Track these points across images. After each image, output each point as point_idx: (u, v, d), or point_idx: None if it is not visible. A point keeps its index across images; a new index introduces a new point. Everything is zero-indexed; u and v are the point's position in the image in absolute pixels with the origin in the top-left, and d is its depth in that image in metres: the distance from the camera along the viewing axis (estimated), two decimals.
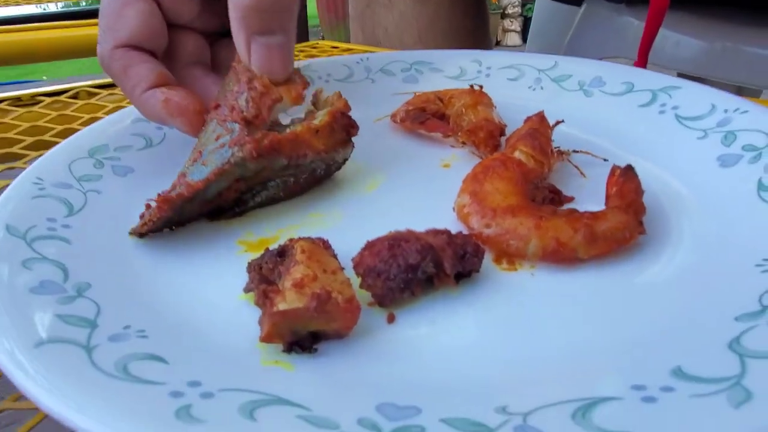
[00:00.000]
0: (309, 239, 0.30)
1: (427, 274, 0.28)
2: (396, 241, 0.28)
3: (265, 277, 0.27)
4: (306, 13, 2.50)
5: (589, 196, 0.37)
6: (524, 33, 3.95)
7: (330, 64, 0.58)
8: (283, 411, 0.20)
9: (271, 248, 0.31)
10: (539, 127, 0.39)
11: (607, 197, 0.35)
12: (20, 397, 0.26)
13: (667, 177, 0.38)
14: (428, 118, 0.47)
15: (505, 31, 4.04)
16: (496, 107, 0.48)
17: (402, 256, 0.28)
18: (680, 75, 0.81)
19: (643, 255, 0.31)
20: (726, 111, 0.42)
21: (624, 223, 0.31)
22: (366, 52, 0.79)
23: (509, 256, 0.31)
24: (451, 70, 0.58)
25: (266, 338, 0.25)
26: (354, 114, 0.40)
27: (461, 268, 0.29)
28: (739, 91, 0.93)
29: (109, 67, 0.37)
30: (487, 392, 0.22)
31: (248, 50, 0.34)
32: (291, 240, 0.30)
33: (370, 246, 0.28)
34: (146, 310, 0.28)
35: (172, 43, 0.39)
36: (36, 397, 0.20)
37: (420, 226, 0.31)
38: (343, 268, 0.28)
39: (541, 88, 0.53)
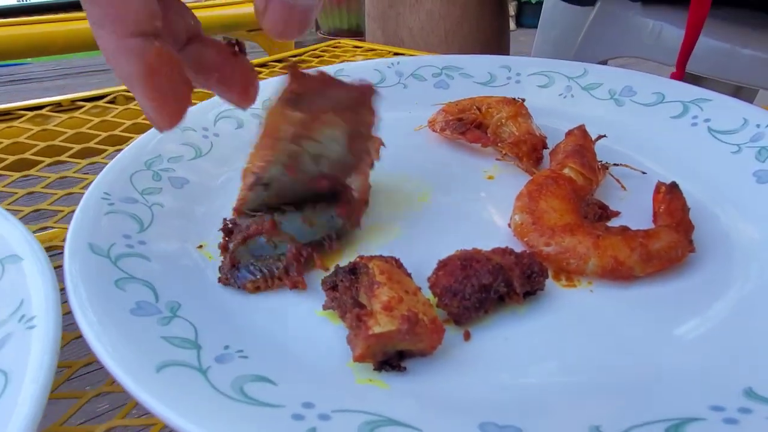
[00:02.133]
0: (382, 258, 0.32)
1: (498, 293, 0.30)
2: (467, 262, 0.30)
3: (357, 300, 0.29)
4: None
5: (632, 209, 0.39)
6: (518, 18, 3.93)
7: (362, 69, 0.59)
8: None
9: (340, 265, 0.32)
10: (584, 143, 0.41)
11: (655, 215, 0.37)
12: (129, 413, 0.27)
13: (706, 192, 0.40)
14: (468, 128, 0.48)
15: None
16: (533, 118, 0.49)
17: (476, 276, 0.30)
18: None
19: (692, 271, 0.33)
20: (758, 126, 0.44)
21: (676, 242, 0.33)
22: (389, 51, 0.79)
23: (568, 273, 0.33)
24: (481, 75, 0.59)
25: (360, 358, 0.26)
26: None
27: (529, 287, 0.31)
28: (737, 91, 0.95)
29: None
30: (576, 411, 0.24)
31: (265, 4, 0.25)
32: (361, 258, 0.32)
33: (442, 266, 0.30)
34: (236, 328, 0.30)
35: None
36: (175, 423, 0.21)
37: (477, 241, 0.33)
38: (420, 288, 0.30)
39: (572, 95, 0.55)
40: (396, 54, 0.79)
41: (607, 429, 0.22)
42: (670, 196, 0.36)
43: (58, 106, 0.54)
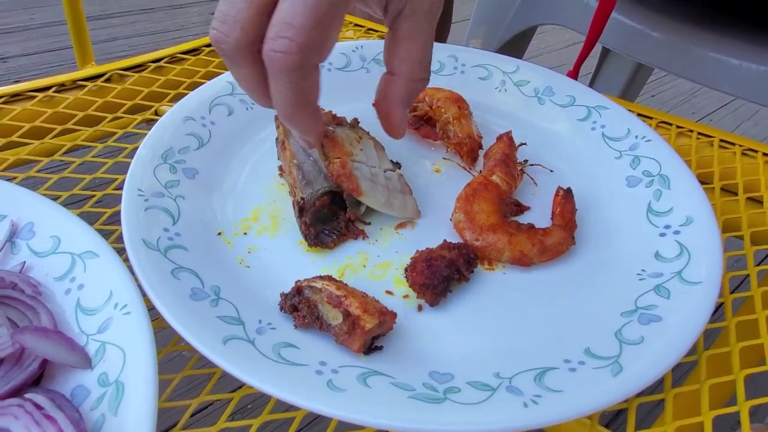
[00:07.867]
0: (319, 278, 0.42)
1: (453, 279, 0.44)
2: (429, 261, 0.43)
3: (348, 312, 0.39)
4: None
5: (540, 203, 0.54)
6: None
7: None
8: (381, 380, 0.37)
9: (287, 292, 0.42)
10: (509, 152, 0.54)
11: (553, 214, 0.51)
12: (213, 389, 0.40)
13: (592, 190, 0.55)
14: (421, 124, 0.60)
15: None
16: (473, 115, 0.61)
17: (438, 272, 0.43)
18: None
19: (572, 259, 0.49)
20: (636, 137, 0.58)
21: (563, 238, 0.48)
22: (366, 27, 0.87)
23: (489, 260, 0.48)
24: (432, 63, 0.69)
25: (359, 350, 0.38)
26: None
27: (470, 270, 0.45)
28: (638, 67, 1.03)
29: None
30: (486, 361, 0.39)
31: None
32: (299, 282, 0.42)
33: (412, 268, 0.43)
34: (260, 304, 0.42)
35: None
36: (247, 381, 0.35)
37: (427, 231, 0.48)
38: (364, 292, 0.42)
39: (506, 90, 0.67)
40: (370, 29, 0.87)
41: (503, 374, 0.38)
42: (564, 200, 0.51)
43: (61, 86, 0.60)
